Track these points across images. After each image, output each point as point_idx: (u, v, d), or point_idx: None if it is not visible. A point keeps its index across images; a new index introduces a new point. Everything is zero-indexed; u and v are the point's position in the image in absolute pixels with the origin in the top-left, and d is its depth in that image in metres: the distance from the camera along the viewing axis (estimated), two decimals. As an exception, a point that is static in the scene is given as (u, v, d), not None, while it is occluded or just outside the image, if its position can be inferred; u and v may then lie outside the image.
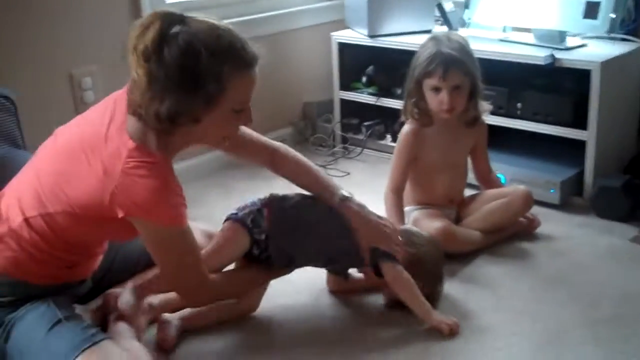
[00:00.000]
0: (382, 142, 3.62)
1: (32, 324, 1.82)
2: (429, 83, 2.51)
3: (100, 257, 2.11)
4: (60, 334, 1.80)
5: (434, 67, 2.47)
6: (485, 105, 2.63)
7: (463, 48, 2.52)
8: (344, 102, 3.69)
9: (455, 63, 2.46)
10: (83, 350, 1.74)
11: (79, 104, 2.91)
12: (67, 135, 1.91)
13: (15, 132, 2.42)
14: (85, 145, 1.81)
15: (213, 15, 1.85)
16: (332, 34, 3.61)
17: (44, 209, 1.82)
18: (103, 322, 2.05)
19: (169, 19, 1.73)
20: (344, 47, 3.59)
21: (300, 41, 3.79)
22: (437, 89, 2.50)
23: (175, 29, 1.72)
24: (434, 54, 2.49)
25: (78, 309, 2.00)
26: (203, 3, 3.37)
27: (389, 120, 3.61)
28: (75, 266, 1.97)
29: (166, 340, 2.07)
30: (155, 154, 1.78)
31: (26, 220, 1.84)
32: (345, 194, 2.23)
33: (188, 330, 2.15)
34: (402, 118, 2.66)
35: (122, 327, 2.00)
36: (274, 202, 2.20)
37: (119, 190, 1.73)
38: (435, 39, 2.56)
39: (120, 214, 1.75)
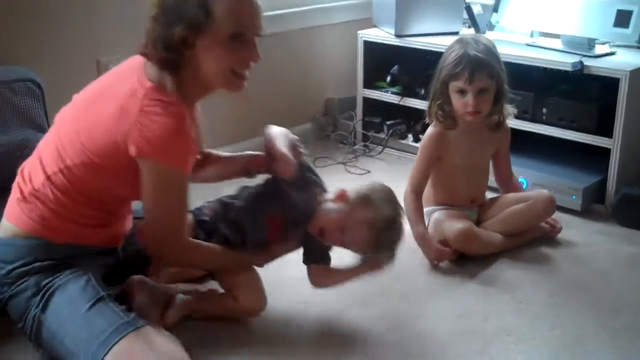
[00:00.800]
0: (404, 141, 3.62)
1: (73, 296, 1.83)
2: (455, 85, 2.50)
3: (127, 224, 2.13)
4: (102, 312, 1.80)
5: (460, 69, 2.47)
6: (509, 109, 2.63)
7: (490, 51, 2.51)
8: (367, 100, 3.69)
9: (482, 66, 2.46)
10: (126, 334, 1.75)
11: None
12: (86, 93, 1.99)
13: (41, 117, 2.44)
14: (103, 92, 1.90)
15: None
16: (359, 32, 3.61)
17: (63, 162, 1.87)
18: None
19: None
20: (369, 46, 3.59)
21: (326, 37, 3.80)
22: (462, 92, 2.50)
23: None
24: (461, 56, 2.48)
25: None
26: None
27: (411, 120, 3.61)
28: (102, 226, 1.98)
29: (167, 317, 2.06)
30: (172, 94, 1.83)
31: (48, 177, 1.88)
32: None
33: (188, 316, 2.13)
34: (427, 119, 2.66)
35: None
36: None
37: (135, 128, 1.78)
38: (462, 41, 2.56)
39: (133, 152, 1.79)
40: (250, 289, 2.13)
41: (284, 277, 2.32)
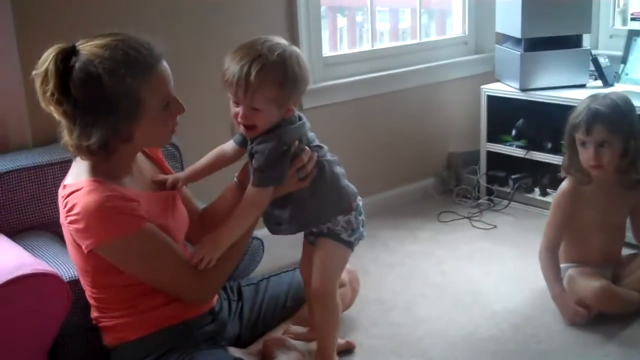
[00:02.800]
0: (530, 195, 3.57)
1: None
2: (577, 137, 2.50)
3: None
4: None
5: (579, 120, 2.48)
6: None
7: (616, 105, 2.47)
8: (491, 154, 3.67)
9: (600, 118, 2.44)
10: None
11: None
12: None
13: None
14: None
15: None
16: (482, 86, 3.61)
17: (87, 289, 1.92)
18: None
19: (62, 55, 1.73)
20: (493, 100, 3.58)
21: (448, 92, 3.83)
22: (584, 144, 2.49)
23: (72, 62, 1.72)
24: (583, 108, 2.49)
25: (237, 352, 2.08)
26: (358, 56, 3.48)
27: (537, 174, 3.56)
28: (166, 304, 1.95)
29: None
30: (82, 180, 1.79)
31: (91, 301, 1.94)
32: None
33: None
34: (562, 173, 2.63)
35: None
36: None
37: (70, 231, 1.79)
38: (592, 95, 2.56)
39: (86, 249, 1.77)
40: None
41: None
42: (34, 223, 2.25)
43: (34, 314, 1.81)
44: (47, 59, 1.72)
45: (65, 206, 1.78)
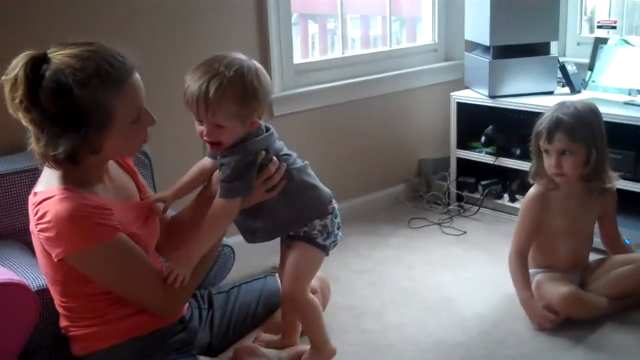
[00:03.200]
0: (499, 201, 3.60)
1: None
2: (540, 145, 2.55)
3: None
4: None
5: (542, 128, 2.52)
6: (614, 177, 2.60)
7: (578, 114, 2.50)
8: (461, 161, 3.70)
9: (562, 127, 2.48)
10: None
11: (209, 157, 3.04)
12: None
13: (150, 185, 2.55)
14: None
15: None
16: (452, 93, 3.64)
17: (55, 297, 1.90)
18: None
19: (32, 63, 1.70)
20: (462, 107, 3.61)
21: (418, 99, 3.85)
22: (547, 152, 2.53)
23: (42, 70, 1.70)
24: (548, 116, 2.53)
25: None
26: (329, 63, 3.49)
27: (507, 180, 3.60)
28: (138, 312, 1.94)
29: None
30: (53, 188, 1.76)
31: (61, 310, 1.92)
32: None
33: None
34: (530, 179, 2.66)
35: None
36: None
37: (40, 239, 1.77)
38: (560, 103, 2.59)
39: (56, 257, 1.75)
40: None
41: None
42: (0, 232, 2.23)
43: (2, 323, 1.79)
44: (17, 65, 1.69)
45: (35, 214, 1.76)
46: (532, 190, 2.63)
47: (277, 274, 2.36)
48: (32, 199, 1.81)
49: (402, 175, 3.89)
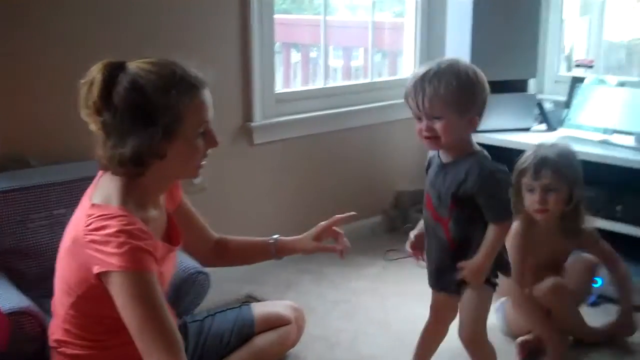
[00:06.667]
0: (475, 235, 3.62)
1: None
2: (524, 182, 2.57)
3: None
4: None
5: (526, 165, 2.56)
6: (588, 219, 2.64)
7: (563, 153, 2.56)
8: (438, 194, 3.72)
9: (548, 164, 2.52)
10: None
11: (187, 184, 3.02)
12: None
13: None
14: (66, 237, 1.85)
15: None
16: (431, 127, 3.67)
17: (64, 314, 1.87)
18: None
19: (110, 68, 1.75)
20: (441, 140, 3.64)
21: (397, 132, 3.88)
22: (531, 189, 2.56)
23: (118, 76, 1.75)
24: (531, 154, 2.58)
25: None
26: (310, 93, 3.52)
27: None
28: (129, 344, 1.86)
29: None
30: (113, 207, 1.76)
31: (63, 324, 1.89)
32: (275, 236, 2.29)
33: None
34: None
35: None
36: None
37: (87, 249, 1.73)
38: (539, 144, 2.65)
39: (96, 270, 1.71)
40: None
41: None
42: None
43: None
44: (95, 69, 1.75)
45: (89, 225, 1.73)
46: (515, 226, 2.65)
47: (251, 304, 2.35)
48: (88, 209, 1.78)
49: (379, 206, 3.91)
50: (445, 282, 2.15)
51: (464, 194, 2.00)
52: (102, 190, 1.83)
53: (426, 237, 2.23)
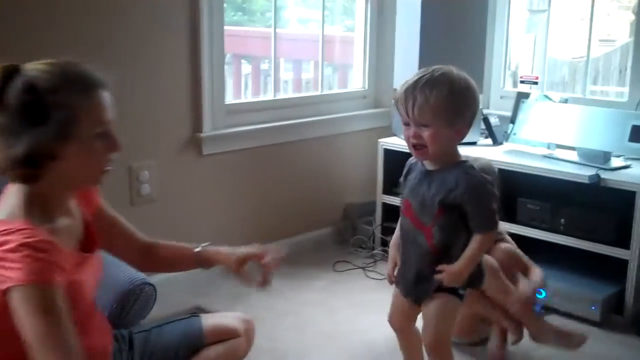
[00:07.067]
0: (423, 247, 3.66)
1: None
2: None
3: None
4: None
5: None
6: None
7: (484, 169, 2.59)
8: (386, 206, 3.77)
9: None
10: None
11: (135, 195, 3.02)
12: None
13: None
14: None
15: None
16: (380, 140, 3.72)
17: None
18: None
19: (4, 71, 1.72)
20: (389, 153, 3.69)
21: (347, 144, 3.92)
22: None
23: (13, 77, 1.71)
24: None
25: None
26: (260, 105, 3.53)
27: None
28: None
29: None
30: (16, 221, 1.71)
31: None
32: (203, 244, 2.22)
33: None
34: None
35: None
36: None
37: None
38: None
39: (4, 287, 1.63)
40: None
41: None
42: None
43: None
44: None
45: None
46: None
47: (200, 315, 2.33)
48: None
49: (328, 218, 3.92)
50: (421, 290, 2.14)
51: (453, 202, 2.01)
52: (6, 205, 1.78)
53: (402, 245, 2.23)
